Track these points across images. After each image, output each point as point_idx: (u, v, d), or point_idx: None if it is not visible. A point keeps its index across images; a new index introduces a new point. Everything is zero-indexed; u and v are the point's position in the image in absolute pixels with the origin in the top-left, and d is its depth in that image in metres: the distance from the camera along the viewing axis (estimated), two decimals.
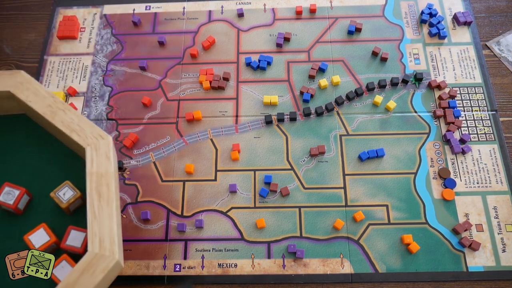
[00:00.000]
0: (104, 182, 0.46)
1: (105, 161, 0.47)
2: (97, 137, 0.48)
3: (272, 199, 0.61)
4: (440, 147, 0.64)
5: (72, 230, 0.48)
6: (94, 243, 0.43)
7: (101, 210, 0.44)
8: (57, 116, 0.50)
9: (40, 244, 0.47)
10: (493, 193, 0.61)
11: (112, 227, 0.43)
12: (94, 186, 0.45)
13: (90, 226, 0.43)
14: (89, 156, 0.47)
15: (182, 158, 0.64)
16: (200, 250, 0.58)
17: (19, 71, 0.53)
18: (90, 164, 0.46)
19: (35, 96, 0.51)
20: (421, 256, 0.57)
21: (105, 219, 0.44)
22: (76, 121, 0.49)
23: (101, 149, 0.47)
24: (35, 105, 0.50)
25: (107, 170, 0.46)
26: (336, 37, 0.72)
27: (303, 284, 0.57)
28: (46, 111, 0.50)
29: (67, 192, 0.49)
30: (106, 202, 0.45)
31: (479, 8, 0.75)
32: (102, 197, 0.45)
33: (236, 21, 0.75)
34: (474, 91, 0.67)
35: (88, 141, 0.48)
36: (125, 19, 0.75)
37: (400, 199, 0.60)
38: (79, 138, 0.48)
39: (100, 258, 0.42)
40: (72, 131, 0.49)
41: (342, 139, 0.65)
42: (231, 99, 0.68)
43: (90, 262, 0.42)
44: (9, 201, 0.49)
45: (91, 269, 0.42)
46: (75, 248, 0.47)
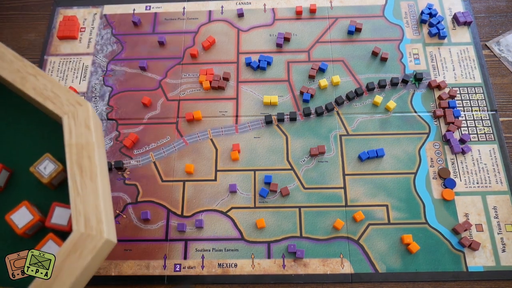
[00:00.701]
0: (85, 154, 0.41)
1: (85, 130, 0.42)
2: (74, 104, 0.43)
3: (272, 199, 0.61)
4: (440, 147, 0.64)
5: (56, 207, 0.44)
6: (79, 222, 0.39)
7: (84, 186, 0.40)
8: (27, 82, 0.44)
9: (23, 224, 0.43)
10: (493, 193, 0.61)
11: (97, 204, 0.39)
12: (75, 159, 0.41)
13: (73, 204, 0.40)
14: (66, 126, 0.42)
15: (182, 158, 0.64)
16: (200, 250, 0.58)
17: None
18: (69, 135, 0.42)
19: (1, 61, 0.45)
20: (421, 256, 0.57)
21: (89, 196, 0.40)
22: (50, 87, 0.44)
23: (79, 117, 0.43)
24: (2, 71, 0.45)
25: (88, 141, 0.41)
26: (336, 37, 0.72)
27: (303, 284, 0.57)
28: (15, 77, 0.45)
29: (48, 165, 0.45)
30: (89, 177, 0.40)
31: (479, 8, 0.75)
32: (84, 172, 0.41)
33: (236, 21, 0.75)
34: (474, 91, 0.67)
35: (64, 109, 0.43)
36: (125, 19, 0.75)
37: (400, 199, 0.60)
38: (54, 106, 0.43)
39: (87, 238, 0.39)
40: (46, 98, 0.44)
41: (342, 139, 0.65)
42: (231, 99, 0.68)
43: (76, 242, 0.38)
44: None
45: (77, 250, 0.38)
46: (61, 226, 0.43)
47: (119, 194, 0.62)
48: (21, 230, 0.44)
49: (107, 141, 0.66)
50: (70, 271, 0.38)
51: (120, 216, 0.61)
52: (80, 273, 0.39)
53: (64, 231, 0.44)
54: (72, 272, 0.38)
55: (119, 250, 0.59)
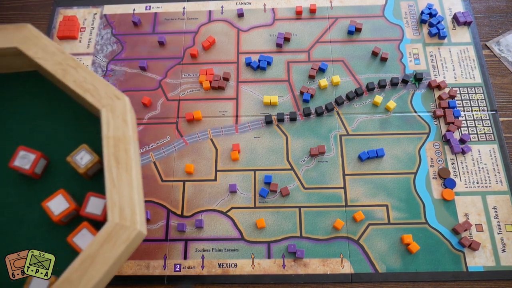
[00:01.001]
0: (122, 147, 0.42)
1: (122, 123, 0.43)
2: (112, 97, 0.44)
3: (272, 199, 0.61)
4: (440, 147, 0.64)
5: (91, 197, 0.45)
6: (114, 213, 0.40)
7: (120, 178, 0.41)
8: (68, 74, 0.46)
9: (59, 211, 0.45)
10: (493, 193, 0.61)
11: (132, 196, 0.41)
12: (112, 151, 0.42)
13: (109, 195, 0.41)
14: (104, 118, 0.43)
15: (182, 158, 0.64)
16: (200, 250, 0.58)
17: (25, 24, 0.48)
18: (106, 128, 0.43)
19: (44, 53, 0.46)
20: (421, 256, 0.57)
21: (124, 188, 0.41)
22: (90, 80, 0.45)
23: (117, 110, 0.44)
24: (45, 62, 0.46)
25: (125, 134, 0.42)
26: (336, 37, 0.72)
27: (303, 284, 0.57)
28: (57, 69, 0.46)
29: (84, 156, 0.46)
30: (125, 169, 0.41)
31: (479, 8, 0.75)
32: (120, 164, 0.42)
33: (236, 21, 0.75)
34: (474, 91, 0.67)
35: (103, 102, 0.44)
36: (125, 19, 0.75)
37: (400, 199, 0.60)
38: (94, 99, 0.44)
39: (121, 228, 0.40)
40: (86, 91, 0.45)
41: (342, 139, 0.65)
42: (231, 99, 0.68)
43: (111, 232, 0.40)
44: (25, 165, 0.46)
45: (112, 240, 0.39)
46: (95, 216, 0.45)
47: None
48: (57, 217, 0.45)
49: None
50: (104, 260, 0.39)
51: None
52: (113, 263, 0.39)
53: (97, 220, 0.45)
54: (106, 261, 0.39)
55: None
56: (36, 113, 0.50)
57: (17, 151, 0.47)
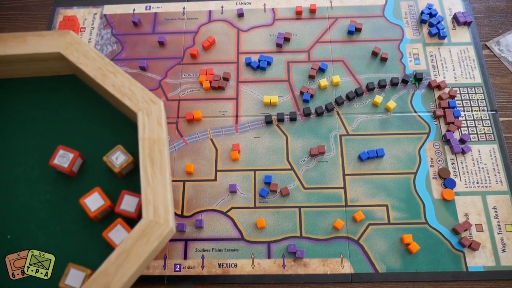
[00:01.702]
0: (156, 148, 0.45)
1: (157, 126, 0.46)
2: (148, 101, 0.47)
3: (272, 199, 0.61)
4: (440, 147, 0.64)
5: (125, 195, 0.48)
6: (148, 210, 0.42)
7: (154, 178, 0.44)
8: (107, 79, 0.48)
9: (95, 208, 0.47)
10: (493, 193, 0.61)
11: (166, 195, 0.43)
12: (147, 152, 0.45)
13: (144, 193, 0.43)
14: (141, 121, 0.46)
15: (182, 158, 0.64)
16: (200, 250, 0.58)
17: (68, 31, 0.51)
18: (142, 130, 0.46)
19: (85, 58, 0.50)
20: (421, 256, 0.57)
21: (158, 187, 0.43)
22: (127, 85, 0.48)
23: (152, 114, 0.46)
24: (86, 67, 0.49)
25: (159, 136, 0.45)
26: (336, 37, 0.72)
27: (303, 284, 0.57)
28: (97, 73, 0.49)
29: (119, 156, 0.49)
30: (159, 170, 0.44)
31: (479, 8, 0.75)
32: (155, 164, 0.44)
33: (236, 21, 0.75)
34: (474, 91, 0.67)
35: (139, 106, 0.47)
36: (125, 19, 0.75)
37: (400, 199, 0.60)
38: (131, 102, 0.47)
39: (155, 225, 0.42)
40: (124, 95, 0.48)
41: (342, 139, 0.65)
42: (231, 99, 0.68)
43: (145, 229, 0.42)
44: (64, 164, 0.49)
45: (146, 235, 0.42)
46: (129, 213, 0.47)
47: None
48: (93, 213, 0.47)
49: None
50: (138, 255, 0.41)
51: None
52: (146, 258, 0.41)
53: (131, 217, 0.48)
54: (140, 255, 0.41)
55: None
56: (74, 114, 0.54)
57: (57, 150, 0.50)
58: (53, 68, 0.53)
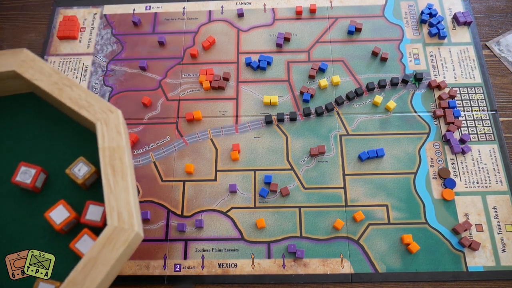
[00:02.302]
0: (117, 156, 0.46)
1: (116, 135, 0.47)
2: (106, 111, 0.48)
3: (272, 199, 0.61)
4: (440, 147, 0.64)
5: (90, 205, 0.48)
6: (112, 217, 0.43)
7: (116, 184, 0.45)
8: (64, 93, 0.49)
9: (61, 220, 0.47)
10: (493, 193, 0.61)
11: (128, 200, 0.44)
12: (108, 161, 0.46)
13: (107, 201, 0.44)
14: (99, 131, 0.47)
15: (182, 158, 0.64)
16: (200, 250, 0.58)
17: (22, 49, 0.51)
18: (102, 139, 0.46)
19: (41, 74, 0.50)
20: (421, 256, 0.57)
21: (121, 193, 0.44)
22: (84, 97, 0.49)
23: (111, 123, 0.47)
24: (42, 83, 0.50)
25: (119, 144, 0.46)
26: (336, 37, 0.72)
27: (303, 284, 0.57)
28: (53, 88, 0.49)
29: (82, 168, 0.50)
30: (121, 176, 0.45)
31: (479, 8, 0.75)
32: (116, 172, 0.45)
33: (236, 21, 0.75)
34: (474, 91, 0.67)
35: (97, 116, 0.48)
36: (125, 19, 0.75)
37: (400, 199, 0.60)
38: (89, 114, 0.48)
39: (120, 231, 0.43)
40: (81, 107, 0.48)
41: (342, 139, 0.65)
42: (231, 99, 0.68)
43: (110, 235, 0.42)
44: (26, 180, 0.49)
45: (111, 242, 0.42)
46: (95, 222, 0.48)
47: None
48: (59, 226, 0.47)
49: None
50: (105, 262, 0.42)
51: None
52: (113, 264, 0.42)
53: (97, 226, 0.48)
54: (107, 262, 0.42)
55: None
56: (35, 131, 0.54)
57: (19, 167, 0.50)
58: (11, 87, 0.54)
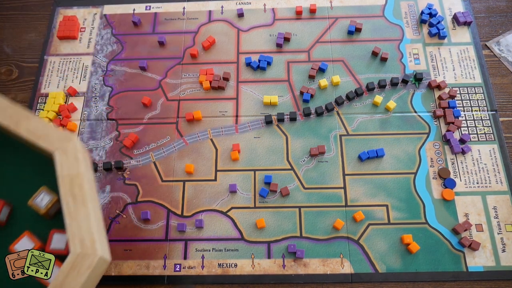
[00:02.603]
0: (76, 183, 0.46)
1: (74, 162, 0.47)
2: (63, 140, 0.48)
3: (272, 199, 0.61)
4: (440, 147, 0.64)
5: (54, 234, 0.48)
6: (75, 244, 0.43)
7: (77, 211, 0.45)
8: (21, 125, 0.49)
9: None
10: (493, 193, 0.61)
11: (90, 226, 0.44)
12: (68, 188, 0.46)
13: (69, 228, 0.44)
14: (58, 160, 0.47)
15: (182, 158, 0.64)
16: (200, 250, 0.58)
17: None
18: (60, 168, 0.47)
19: None
20: (421, 256, 0.57)
21: (82, 220, 0.44)
22: (41, 127, 0.49)
23: (69, 151, 0.48)
24: None
25: (78, 171, 0.47)
26: (336, 37, 0.72)
27: (303, 284, 0.57)
28: (9, 122, 0.50)
29: (44, 197, 0.49)
30: (81, 203, 0.45)
31: (479, 8, 0.75)
32: (76, 199, 0.45)
33: (236, 21, 0.75)
34: (474, 91, 0.67)
35: (55, 146, 0.48)
36: (125, 19, 0.75)
37: (400, 199, 0.60)
38: (46, 143, 0.48)
39: (83, 257, 0.43)
40: (39, 138, 0.49)
41: (342, 139, 0.65)
42: (231, 99, 0.68)
43: (74, 262, 0.43)
44: None
45: (76, 268, 0.43)
46: (60, 250, 0.48)
47: (119, 194, 0.62)
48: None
49: (107, 141, 0.66)
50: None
51: (120, 216, 0.61)
52: None
53: (62, 254, 0.48)
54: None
55: (119, 250, 0.59)
56: None
57: None
58: None
